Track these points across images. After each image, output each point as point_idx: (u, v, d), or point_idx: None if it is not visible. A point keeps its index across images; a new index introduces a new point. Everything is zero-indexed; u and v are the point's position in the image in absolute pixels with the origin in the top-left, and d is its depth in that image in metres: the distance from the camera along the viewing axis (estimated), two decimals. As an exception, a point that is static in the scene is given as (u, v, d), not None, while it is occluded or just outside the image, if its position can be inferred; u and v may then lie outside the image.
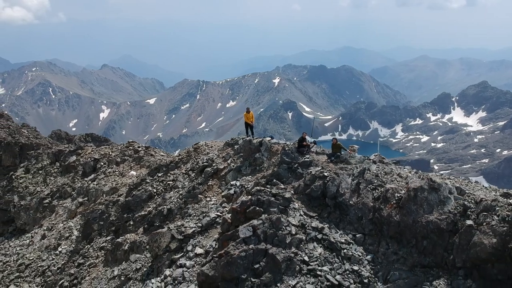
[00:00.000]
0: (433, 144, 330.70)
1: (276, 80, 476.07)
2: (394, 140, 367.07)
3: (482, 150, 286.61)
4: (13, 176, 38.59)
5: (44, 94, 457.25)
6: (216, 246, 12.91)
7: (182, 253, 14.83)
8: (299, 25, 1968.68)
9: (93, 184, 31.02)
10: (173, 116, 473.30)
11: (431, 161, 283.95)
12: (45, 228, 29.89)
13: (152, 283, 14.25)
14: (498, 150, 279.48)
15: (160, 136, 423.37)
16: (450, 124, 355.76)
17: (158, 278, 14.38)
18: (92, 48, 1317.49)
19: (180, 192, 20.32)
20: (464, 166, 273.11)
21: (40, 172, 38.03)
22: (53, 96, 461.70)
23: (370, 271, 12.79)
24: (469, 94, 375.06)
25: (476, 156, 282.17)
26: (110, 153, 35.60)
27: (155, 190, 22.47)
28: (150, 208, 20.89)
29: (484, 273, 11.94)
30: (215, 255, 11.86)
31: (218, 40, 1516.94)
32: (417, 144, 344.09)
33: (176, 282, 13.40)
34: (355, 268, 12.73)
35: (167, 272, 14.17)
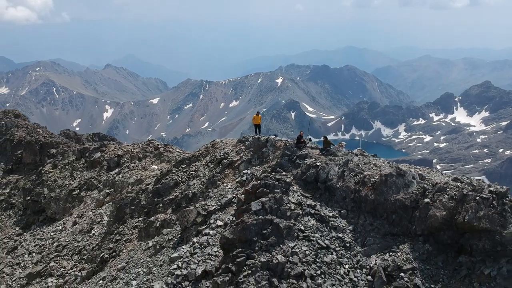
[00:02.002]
0: (436, 144, 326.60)
1: (279, 80, 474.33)
2: (397, 140, 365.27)
3: (485, 150, 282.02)
4: (42, 171, 41.60)
5: (48, 93, 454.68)
6: (233, 218, 16.01)
7: (206, 225, 18.01)
8: (302, 25, 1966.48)
9: (119, 177, 34.24)
10: (176, 115, 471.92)
11: (434, 161, 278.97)
12: (75, 216, 32.60)
13: (183, 249, 16.88)
14: (500, 150, 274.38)
15: (164, 135, 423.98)
16: (453, 124, 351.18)
17: (187, 244, 17.20)
18: (95, 48, 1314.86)
19: (202, 180, 23.83)
20: (467, 166, 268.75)
21: (67, 167, 41.07)
22: (57, 96, 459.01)
23: (351, 238, 16.13)
24: (472, 94, 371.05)
25: (478, 156, 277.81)
26: (132, 150, 39.04)
27: (180, 179, 25.97)
28: (176, 193, 24.24)
29: (438, 239, 15.28)
30: (233, 223, 15.00)
31: (221, 40, 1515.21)
32: (420, 144, 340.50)
33: (202, 246, 16.40)
34: (340, 235, 16.02)
35: (195, 239, 17.15)
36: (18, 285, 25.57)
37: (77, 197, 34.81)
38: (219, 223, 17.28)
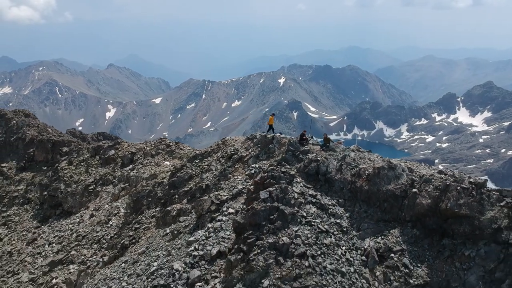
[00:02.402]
0: (438, 144, 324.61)
1: (282, 80, 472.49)
2: (399, 140, 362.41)
3: (487, 150, 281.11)
4: (58, 168, 43.62)
5: (50, 93, 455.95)
6: (244, 206, 17.51)
7: (220, 213, 19.69)
8: (304, 24, 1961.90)
9: (133, 172, 36.10)
10: (179, 115, 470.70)
11: (436, 161, 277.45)
12: (92, 209, 34.45)
13: (199, 233, 18.58)
14: (503, 151, 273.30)
15: (166, 135, 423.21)
16: (455, 124, 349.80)
17: (203, 229, 18.98)
18: (98, 48, 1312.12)
19: (214, 173, 25.53)
20: (469, 166, 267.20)
21: (82, 164, 43.12)
22: (60, 96, 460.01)
23: (348, 223, 17.87)
24: (475, 94, 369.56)
25: (481, 156, 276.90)
26: (145, 147, 40.93)
27: (194, 173, 27.66)
28: (191, 185, 25.97)
29: (424, 224, 17.16)
30: (244, 210, 16.59)
31: (223, 40, 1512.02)
32: (422, 144, 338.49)
33: (216, 230, 18.11)
34: (338, 221, 17.67)
35: (209, 225, 18.92)
36: (41, 272, 27.46)
37: (93, 192, 36.51)
38: (231, 210, 19.02)
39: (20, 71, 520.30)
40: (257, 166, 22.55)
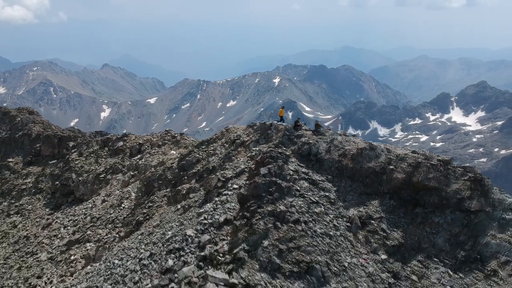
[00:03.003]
0: (432, 144, 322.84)
1: (277, 80, 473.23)
2: (393, 140, 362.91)
3: (481, 150, 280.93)
4: (69, 159, 46.29)
5: (45, 93, 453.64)
6: (247, 181, 20.07)
7: (225, 188, 22.20)
8: (299, 25, 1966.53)
9: (141, 161, 38.84)
10: (174, 115, 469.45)
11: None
12: (103, 195, 37.00)
13: (207, 206, 21.09)
14: (496, 150, 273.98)
15: None
16: (449, 123, 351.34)
17: (211, 203, 21.48)
18: (92, 48, 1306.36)
19: (219, 156, 28.29)
20: (463, 165, 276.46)
21: (92, 155, 45.75)
22: (55, 96, 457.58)
23: (335, 196, 20.41)
24: (468, 94, 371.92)
25: (474, 156, 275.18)
26: (152, 138, 44.08)
27: (201, 156, 30.24)
28: (198, 168, 28.63)
29: (399, 195, 19.86)
30: (247, 184, 19.29)
31: (218, 39, 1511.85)
32: (416, 144, 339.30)
33: (222, 203, 20.64)
34: (327, 194, 20.26)
35: (216, 199, 21.45)
36: (58, 252, 29.91)
37: (104, 180, 38.97)
38: (235, 186, 21.59)
39: (14, 71, 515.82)
40: (257, 149, 25.02)
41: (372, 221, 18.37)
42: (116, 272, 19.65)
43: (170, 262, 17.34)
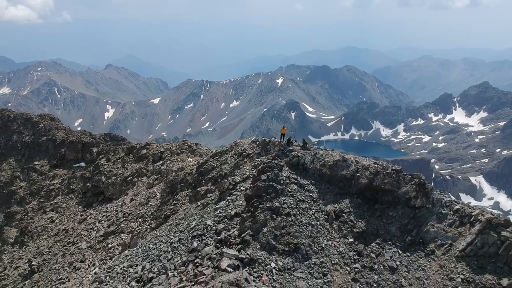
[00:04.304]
0: (434, 144, 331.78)
1: (279, 80, 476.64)
2: (396, 140, 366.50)
3: (482, 150, 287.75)
4: (99, 164, 52.71)
5: (49, 93, 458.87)
6: (251, 184, 26.08)
7: (235, 190, 28.73)
8: (302, 25, 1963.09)
9: (163, 166, 45.35)
10: (177, 115, 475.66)
11: (432, 160, 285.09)
12: (131, 195, 43.41)
13: (221, 203, 27.49)
14: (498, 150, 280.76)
15: (165, 135, 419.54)
16: (451, 124, 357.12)
17: (224, 201, 27.69)
18: (96, 48, 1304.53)
19: (230, 165, 34.52)
20: (464, 166, 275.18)
21: (119, 161, 52.30)
22: (59, 96, 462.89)
23: (317, 196, 25.95)
24: (471, 94, 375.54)
25: (476, 156, 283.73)
26: (171, 147, 50.56)
27: (215, 165, 36.14)
28: (214, 174, 34.85)
29: (364, 196, 25.78)
30: (251, 187, 25.29)
31: (221, 40, 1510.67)
32: (419, 144, 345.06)
33: (233, 201, 26.88)
34: (310, 194, 25.89)
35: (228, 198, 27.74)
36: (97, 241, 36.32)
37: (131, 182, 45.32)
38: (242, 188, 27.47)
39: (18, 71, 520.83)
40: (259, 160, 30.88)
41: (344, 214, 24.57)
42: (152, 253, 26.00)
43: (195, 244, 23.71)
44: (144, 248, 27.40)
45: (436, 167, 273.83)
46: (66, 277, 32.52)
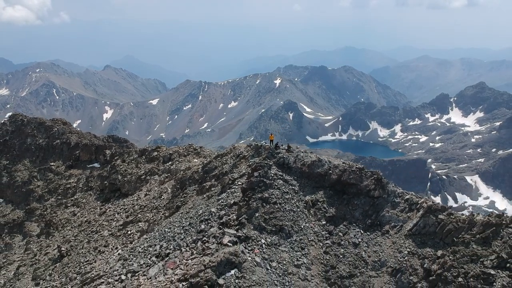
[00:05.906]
0: (431, 144, 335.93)
1: (277, 81, 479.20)
2: (393, 140, 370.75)
3: (478, 150, 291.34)
4: (114, 164, 59.04)
5: (48, 95, 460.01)
6: (246, 180, 31.55)
7: (234, 184, 34.78)
8: (300, 25, 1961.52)
9: (173, 166, 52.24)
10: (176, 116, 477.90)
11: (429, 160, 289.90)
12: (145, 191, 50.19)
13: (223, 195, 33.48)
14: (493, 150, 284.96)
15: (163, 136, 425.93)
16: (448, 124, 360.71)
17: (225, 193, 33.51)
18: (94, 49, 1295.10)
19: (229, 165, 40.59)
20: (461, 166, 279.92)
21: (133, 161, 58.70)
22: (57, 97, 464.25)
23: (298, 188, 31.78)
24: (467, 94, 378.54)
25: (472, 156, 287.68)
26: (179, 150, 57.61)
27: (217, 164, 41.67)
28: (216, 172, 40.81)
29: (335, 188, 31.82)
30: (247, 181, 31.00)
31: (219, 41, 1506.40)
32: (416, 144, 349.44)
33: (232, 193, 33.02)
34: (293, 187, 31.75)
35: (228, 191, 33.67)
36: (117, 229, 42.87)
37: (144, 180, 51.89)
38: (239, 183, 33.75)
39: (17, 72, 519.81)
40: (252, 161, 37.01)
41: (318, 203, 31.08)
42: (167, 235, 32.57)
43: (202, 226, 30.36)
44: (161, 231, 33.94)
45: (433, 167, 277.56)
46: (93, 259, 39.00)
